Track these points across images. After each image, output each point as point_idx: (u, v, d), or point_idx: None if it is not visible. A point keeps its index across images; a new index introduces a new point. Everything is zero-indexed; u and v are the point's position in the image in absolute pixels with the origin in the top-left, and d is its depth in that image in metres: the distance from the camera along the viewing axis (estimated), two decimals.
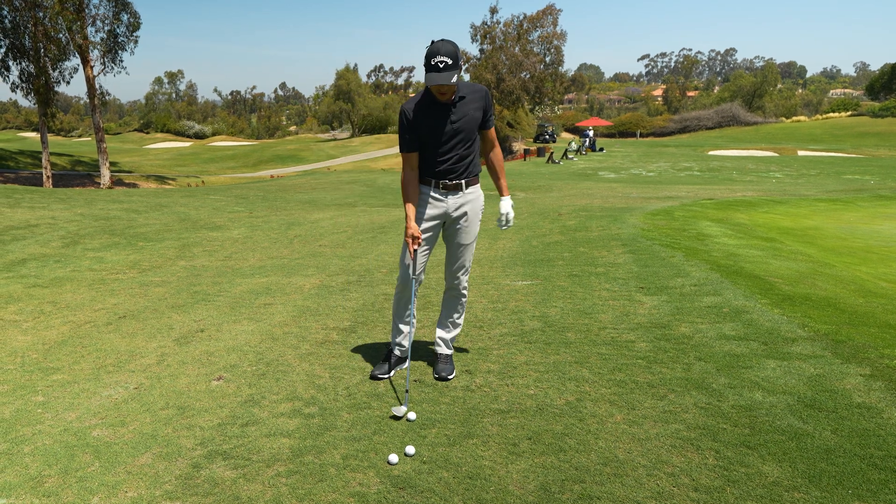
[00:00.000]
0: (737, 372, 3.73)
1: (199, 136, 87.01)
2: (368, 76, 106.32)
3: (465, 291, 3.94)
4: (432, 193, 3.71)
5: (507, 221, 3.80)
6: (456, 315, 3.98)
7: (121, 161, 49.90)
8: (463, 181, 3.69)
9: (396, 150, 55.21)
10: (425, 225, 3.73)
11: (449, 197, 3.70)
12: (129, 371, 4.15)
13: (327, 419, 3.39)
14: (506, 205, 3.81)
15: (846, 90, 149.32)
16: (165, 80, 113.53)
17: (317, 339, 4.66)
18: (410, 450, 3.03)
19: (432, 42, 3.36)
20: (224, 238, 9.72)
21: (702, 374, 3.74)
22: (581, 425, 3.22)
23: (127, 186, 34.73)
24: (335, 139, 71.17)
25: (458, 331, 4.03)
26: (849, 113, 74.28)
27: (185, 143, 78.49)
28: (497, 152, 3.80)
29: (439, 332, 4.01)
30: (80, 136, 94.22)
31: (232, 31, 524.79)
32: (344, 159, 52.40)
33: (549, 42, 63.32)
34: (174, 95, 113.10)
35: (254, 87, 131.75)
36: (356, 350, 4.39)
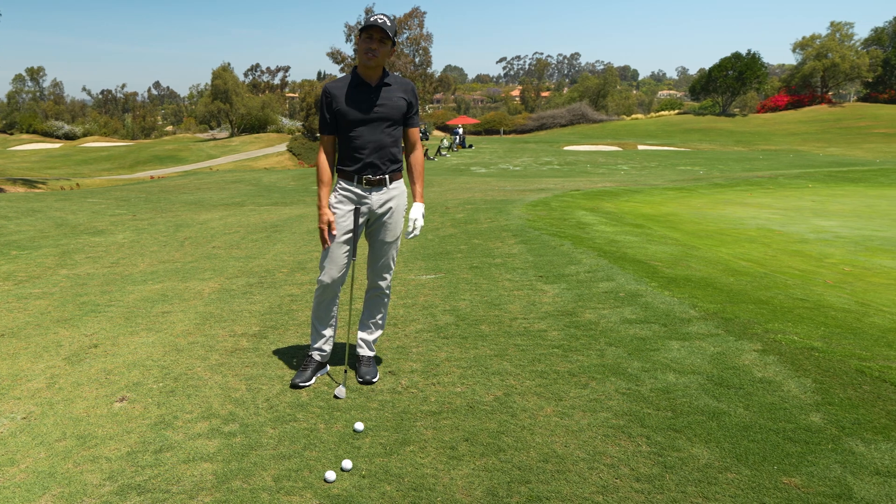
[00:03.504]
0: (646, 355, 3.69)
1: (69, 136, 79.05)
2: (245, 75, 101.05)
3: (388, 291, 3.60)
4: (355, 189, 3.35)
5: (415, 229, 3.43)
6: (379, 316, 3.63)
7: None
8: (386, 176, 3.36)
9: (277, 149, 53.19)
10: (347, 223, 3.36)
11: (373, 193, 3.36)
12: (15, 398, 3.47)
13: (251, 437, 2.96)
14: (416, 210, 3.44)
15: (671, 91, 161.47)
16: (27, 78, 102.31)
17: (226, 347, 4.15)
18: (347, 464, 2.69)
19: None
20: (108, 243, 8.68)
21: (616, 359, 3.66)
22: (514, 421, 3.02)
23: None
24: (214, 139, 67.18)
25: (380, 332, 3.69)
26: (676, 111, 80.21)
27: (55, 145, 70.95)
28: (418, 155, 3.47)
29: (361, 335, 3.65)
30: None
31: (97, 26, 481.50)
32: (225, 159, 49.55)
33: (417, 43, 63.44)
34: (39, 94, 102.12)
35: (124, 86, 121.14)
36: (271, 357, 3.94)
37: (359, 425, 3.02)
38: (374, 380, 3.51)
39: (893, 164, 30.12)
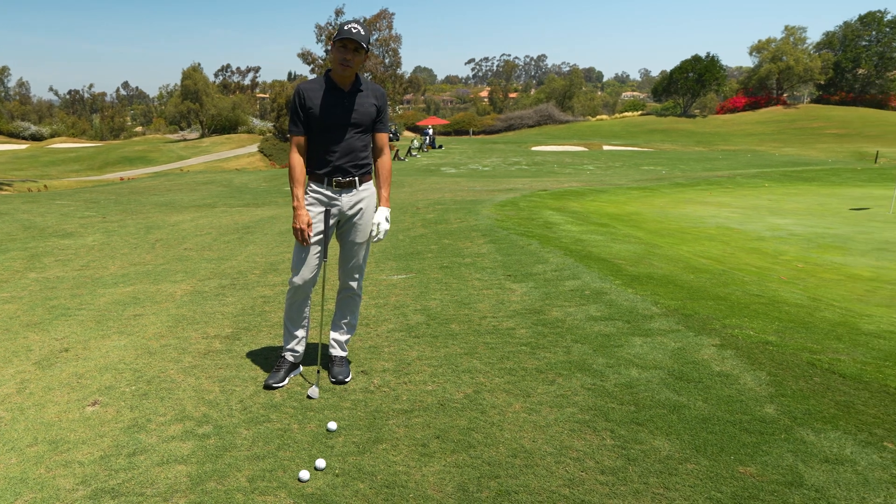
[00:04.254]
0: (611, 351, 3.77)
1: (36, 137, 76.57)
2: (216, 76, 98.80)
3: (360, 292, 3.61)
4: (325, 191, 3.35)
5: (378, 233, 3.41)
6: (350, 317, 3.64)
7: None
8: (356, 178, 3.36)
9: (248, 149, 52.44)
10: (318, 224, 3.36)
11: (343, 195, 3.36)
12: None
13: (225, 438, 2.94)
14: (380, 214, 3.40)
15: (634, 93, 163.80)
16: None
17: (199, 349, 4.11)
18: (321, 463, 2.70)
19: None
20: (78, 246, 8.48)
21: (581, 355, 3.73)
22: (484, 418, 3.06)
23: None
24: (185, 140, 65.85)
25: (352, 332, 3.69)
26: (639, 112, 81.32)
27: (21, 146, 68.60)
28: (386, 160, 3.47)
29: (333, 335, 3.65)
30: None
31: (63, 25, 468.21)
32: (195, 160, 48.67)
33: (387, 45, 63.26)
34: (4, 94, 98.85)
35: (92, 86, 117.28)
36: (244, 359, 3.91)
37: (332, 425, 3.02)
38: (347, 379, 3.52)
39: (844, 163, 31.07)
